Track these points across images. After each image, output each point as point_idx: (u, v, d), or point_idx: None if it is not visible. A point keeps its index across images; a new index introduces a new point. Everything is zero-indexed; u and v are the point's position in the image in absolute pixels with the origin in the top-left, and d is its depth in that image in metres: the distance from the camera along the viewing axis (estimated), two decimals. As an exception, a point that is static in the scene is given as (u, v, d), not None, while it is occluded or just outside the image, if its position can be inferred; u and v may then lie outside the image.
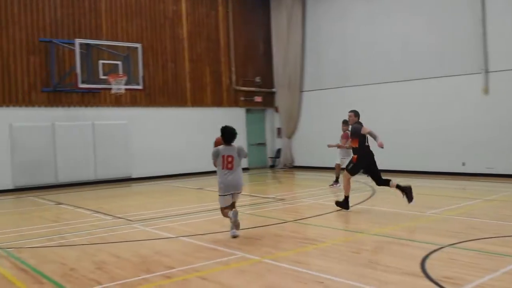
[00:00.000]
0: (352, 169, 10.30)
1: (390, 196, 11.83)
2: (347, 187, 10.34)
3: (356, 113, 10.76)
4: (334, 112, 20.35)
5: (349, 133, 12.11)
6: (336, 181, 14.66)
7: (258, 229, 8.92)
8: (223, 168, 8.29)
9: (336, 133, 20.11)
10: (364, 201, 11.73)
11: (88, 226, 9.74)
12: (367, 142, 10.30)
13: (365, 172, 10.49)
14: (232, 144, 8.38)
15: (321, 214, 10.21)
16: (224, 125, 8.47)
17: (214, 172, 8.72)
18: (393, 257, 6.70)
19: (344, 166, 12.46)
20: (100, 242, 8.19)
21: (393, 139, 18.21)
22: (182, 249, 7.58)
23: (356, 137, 10.29)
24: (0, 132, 16.10)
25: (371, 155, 10.25)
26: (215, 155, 8.33)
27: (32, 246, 8.08)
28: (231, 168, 8.27)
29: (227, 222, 8.55)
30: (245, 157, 8.59)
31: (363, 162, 10.23)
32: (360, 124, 10.50)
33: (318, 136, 21.08)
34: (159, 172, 19.02)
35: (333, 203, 10.66)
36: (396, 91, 18.35)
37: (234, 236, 8.13)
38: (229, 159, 8.25)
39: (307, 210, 11.02)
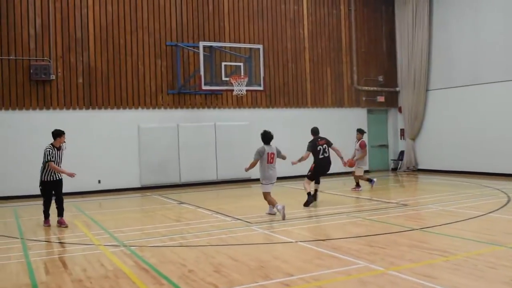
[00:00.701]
0: (310, 177, 12.41)
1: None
2: (307, 187, 12.18)
3: (311, 131, 12.78)
4: (463, 112, 19.13)
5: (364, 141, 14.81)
6: (358, 185, 14.99)
7: (381, 236, 8.41)
8: (268, 163, 10.57)
9: (464, 134, 18.94)
10: (498, 209, 10.75)
11: (208, 227, 9.80)
12: (321, 155, 12.22)
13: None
14: (271, 144, 10.73)
15: (450, 223, 9.45)
16: (263, 130, 10.97)
17: (333, 175, 8.35)
18: (538, 276, 5.94)
19: (359, 173, 14.73)
20: (219, 244, 8.16)
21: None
22: (302, 255, 7.31)
23: (310, 151, 12.27)
24: (129, 133, 16.89)
25: (325, 164, 12.33)
26: (261, 153, 10.59)
27: (154, 245, 8.23)
28: (272, 162, 10.61)
29: (348, 228, 8.42)
30: (282, 155, 10.92)
31: (318, 170, 12.33)
32: (314, 141, 12.42)
33: (445, 137, 19.90)
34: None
35: (463, 211, 9.90)
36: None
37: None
38: (272, 155, 10.62)
39: (434, 218, 10.26)
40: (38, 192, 14.94)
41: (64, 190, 12.04)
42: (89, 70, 16.45)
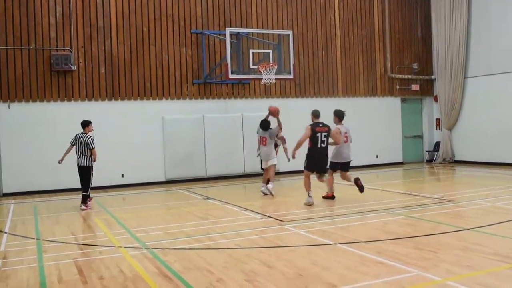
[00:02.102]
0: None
1: None
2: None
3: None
4: (503, 101, 18.04)
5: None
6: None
7: (429, 238, 7.54)
8: (260, 144, 12.93)
9: (504, 124, 17.83)
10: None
11: (236, 226, 9.04)
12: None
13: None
14: (269, 129, 12.82)
15: (505, 222, 8.54)
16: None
17: (366, 167, 7.35)
18: None
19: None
20: (249, 247, 7.38)
21: None
22: (344, 260, 6.47)
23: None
24: (153, 125, 16.22)
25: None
26: (258, 134, 13.05)
27: (179, 247, 7.48)
28: (264, 145, 12.75)
29: (391, 228, 7.82)
30: (273, 137, 12.86)
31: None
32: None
33: (484, 127, 18.82)
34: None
35: None
36: None
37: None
38: (264, 138, 12.76)
39: (485, 216, 9.32)
40: (59, 186, 14.69)
41: (86, 184, 11.69)
42: (112, 60, 15.79)
